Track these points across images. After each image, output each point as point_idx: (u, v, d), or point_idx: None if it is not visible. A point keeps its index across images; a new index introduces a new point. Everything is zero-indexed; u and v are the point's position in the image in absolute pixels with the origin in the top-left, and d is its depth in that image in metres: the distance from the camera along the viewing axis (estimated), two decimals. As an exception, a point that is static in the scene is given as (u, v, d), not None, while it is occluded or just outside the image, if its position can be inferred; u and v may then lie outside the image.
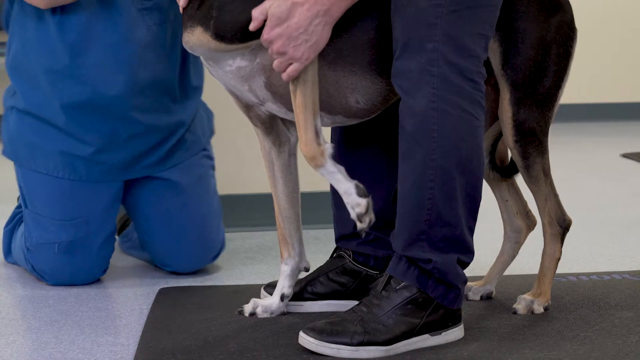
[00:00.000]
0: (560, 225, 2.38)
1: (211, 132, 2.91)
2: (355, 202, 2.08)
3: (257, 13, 2.09)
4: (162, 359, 2.08)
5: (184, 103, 2.75)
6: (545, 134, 2.30)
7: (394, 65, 2.11)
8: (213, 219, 2.82)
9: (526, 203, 2.47)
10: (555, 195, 2.38)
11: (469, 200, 2.12)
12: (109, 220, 2.73)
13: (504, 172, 2.45)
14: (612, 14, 6.59)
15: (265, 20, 2.09)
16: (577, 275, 2.71)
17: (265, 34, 2.09)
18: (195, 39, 2.17)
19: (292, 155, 2.39)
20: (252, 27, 2.10)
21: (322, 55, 2.14)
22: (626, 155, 5.05)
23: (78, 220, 2.67)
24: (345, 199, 2.09)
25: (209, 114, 2.91)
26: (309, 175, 2.99)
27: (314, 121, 2.11)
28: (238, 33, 2.11)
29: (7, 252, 2.91)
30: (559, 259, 2.39)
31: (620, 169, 4.75)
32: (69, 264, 2.69)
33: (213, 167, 2.89)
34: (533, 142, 2.29)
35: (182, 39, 2.21)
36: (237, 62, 2.18)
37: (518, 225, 2.47)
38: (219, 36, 2.13)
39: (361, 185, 2.09)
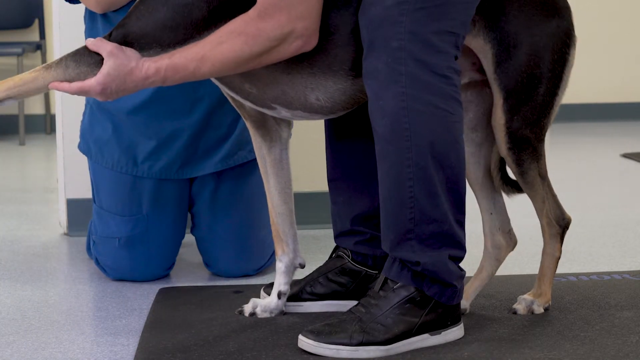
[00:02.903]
0: (559, 225, 2.37)
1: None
2: None
3: (92, 46, 2.10)
4: (162, 359, 2.08)
5: None
6: (540, 141, 2.27)
7: (363, 65, 2.09)
8: (261, 228, 2.76)
9: (509, 221, 2.41)
10: (554, 196, 2.36)
11: (451, 195, 2.10)
12: (172, 218, 2.73)
13: (518, 186, 2.38)
14: (612, 14, 6.59)
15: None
16: (577, 275, 2.71)
17: (99, 87, 2.08)
18: None
19: (284, 150, 2.38)
20: (90, 43, 2.10)
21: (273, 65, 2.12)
22: (626, 155, 5.05)
23: (137, 217, 2.69)
24: None
25: None
26: (308, 175, 2.99)
27: (5, 93, 2.11)
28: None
29: (89, 247, 2.95)
30: (559, 258, 2.39)
31: (620, 169, 4.74)
32: (129, 259, 2.70)
33: None
34: (527, 150, 2.25)
35: None
36: None
37: (499, 241, 2.39)
38: None
39: None
